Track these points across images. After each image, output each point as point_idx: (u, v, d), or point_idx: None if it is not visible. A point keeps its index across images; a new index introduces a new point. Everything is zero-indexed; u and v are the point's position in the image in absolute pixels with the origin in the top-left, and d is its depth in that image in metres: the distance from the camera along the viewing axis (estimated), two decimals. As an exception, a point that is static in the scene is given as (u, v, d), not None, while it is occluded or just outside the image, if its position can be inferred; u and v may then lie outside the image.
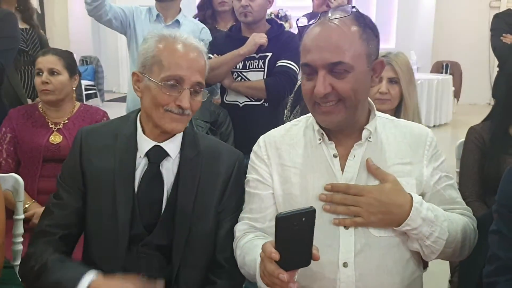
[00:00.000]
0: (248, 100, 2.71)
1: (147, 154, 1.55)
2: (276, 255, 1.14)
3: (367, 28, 1.38)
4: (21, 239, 1.88)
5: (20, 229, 1.88)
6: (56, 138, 2.40)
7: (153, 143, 1.56)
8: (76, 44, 10.10)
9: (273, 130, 1.61)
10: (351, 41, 1.34)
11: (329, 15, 1.39)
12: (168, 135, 1.57)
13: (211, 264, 1.58)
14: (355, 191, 1.37)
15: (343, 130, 1.44)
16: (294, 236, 1.14)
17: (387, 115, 1.57)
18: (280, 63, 2.64)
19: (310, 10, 3.48)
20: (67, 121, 2.46)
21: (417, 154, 1.46)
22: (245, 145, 1.81)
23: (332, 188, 1.40)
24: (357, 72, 1.35)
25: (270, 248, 1.16)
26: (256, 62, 2.69)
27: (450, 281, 2.10)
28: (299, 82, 3.15)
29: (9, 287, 1.63)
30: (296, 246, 1.16)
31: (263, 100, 2.69)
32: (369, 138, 1.45)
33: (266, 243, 1.19)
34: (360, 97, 1.39)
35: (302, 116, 1.60)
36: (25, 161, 2.38)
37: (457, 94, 9.11)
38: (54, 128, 2.43)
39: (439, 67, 9.54)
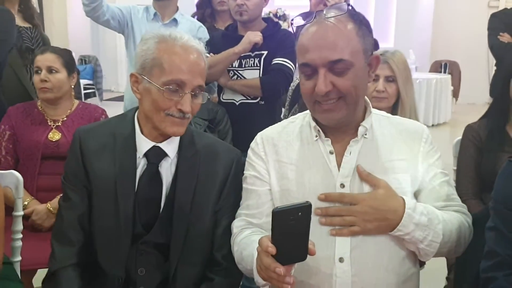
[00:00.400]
0: (244, 98, 2.72)
1: (146, 155, 1.55)
2: (272, 249, 1.15)
3: (362, 25, 1.40)
4: (20, 236, 1.89)
5: (20, 226, 1.89)
6: (55, 136, 2.40)
7: (152, 143, 1.56)
8: (75, 43, 10.09)
9: (270, 127, 1.62)
10: (348, 38, 1.35)
11: (325, 13, 1.40)
12: (166, 136, 1.57)
13: (209, 261, 1.59)
14: (349, 200, 1.38)
15: (339, 127, 1.45)
16: (291, 231, 1.15)
17: (383, 112, 1.58)
18: (276, 61, 2.64)
19: (308, 9, 3.48)
20: (66, 118, 2.47)
21: (413, 150, 1.47)
22: (242, 143, 1.82)
23: (325, 198, 1.40)
24: (356, 69, 1.36)
25: (267, 242, 1.17)
26: (251, 61, 2.69)
27: (447, 278, 2.11)
28: (296, 81, 3.16)
29: (8, 283, 1.65)
30: (292, 241, 1.17)
31: (259, 98, 2.70)
32: (365, 134, 1.46)
33: (262, 238, 1.20)
34: (360, 93, 1.40)
35: (299, 114, 1.61)
36: (24, 159, 2.39)
37: (455, 94, 9.12)
38: (53, 126, 2.44)
39: (437, 67, 9.56)
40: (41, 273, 2.28)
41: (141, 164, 1.56)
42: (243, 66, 2.70)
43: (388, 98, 2.23)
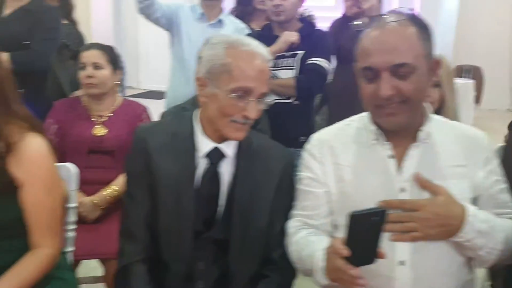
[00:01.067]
0: (279, 98, 2.73)
1: (207, 155, 1.58)
2: (346, 251, 1.18)
3: (423, 29, 1.41)
4: (74, 226, 1.93)
5: (73, 217, 1.92)
6: (100, 131, 2.44)
7: (213, 144, 1.58)
8: (97, 40, 10.05)
9: (325, 129, 1.63)
10: (411, 42, 1.36)
11: (386, 17, 1.41)
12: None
13: (265, 259, 1.62)
14: (410, 206, 1.36)
15: (399, 131, 1.45)
16: (364, 234, 1.18)
17: (441, 117, 1.58)
18: (310, 61, 2.66)
19: (331, 10, 3.47)
20: (112, 114, 2.50)
21: (473, 157, 1.46)
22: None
23: (386, 205, 1.37)
24: (419, 73, 1.36)
25: (339, 244, 1.19)
26: (286, 61, 2.72)
27: (491, 286, 2.08)
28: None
29: (61, 271, 1.69)
30: (364, 244, 1.19)
31: (294, 98, 2.71)
32: (425, 139, 1.46)
33: (335, 240, 1.23)
34: (422, 97, 1.41)
35: (355, 116, 1.60)
36: (70, 153, 2.41)
37: (478, 99, 9.04)
38: (97, 121, 2.48)
39: (460, 72, 9.47)
40: (85, 264, 2.33)
41: (202, 163, 1.58)
42: (278, 66, 2.72)
43: (433, 103, 2.22)
